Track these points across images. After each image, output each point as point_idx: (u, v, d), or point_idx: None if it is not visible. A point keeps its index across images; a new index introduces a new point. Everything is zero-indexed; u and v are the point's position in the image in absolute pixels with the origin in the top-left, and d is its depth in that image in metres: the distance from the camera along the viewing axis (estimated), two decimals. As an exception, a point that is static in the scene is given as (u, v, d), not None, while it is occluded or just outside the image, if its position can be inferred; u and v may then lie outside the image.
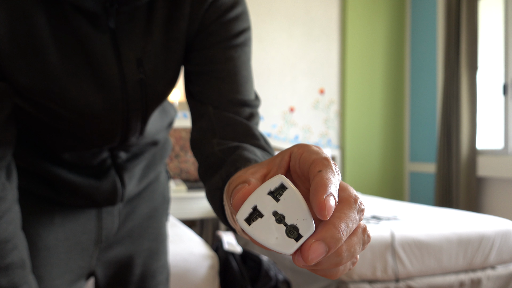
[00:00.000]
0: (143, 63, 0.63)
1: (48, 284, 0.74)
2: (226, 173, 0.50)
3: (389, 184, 4.58)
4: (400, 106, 4.67)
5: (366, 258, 2.08)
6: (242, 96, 0.65)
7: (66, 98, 0.61)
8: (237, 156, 0.52)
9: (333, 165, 0.32)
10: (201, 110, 0.65)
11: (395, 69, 4.64)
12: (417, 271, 2.18)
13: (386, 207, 3.05)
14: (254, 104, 0.67)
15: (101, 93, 0.63)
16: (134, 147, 0.79)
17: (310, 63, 4.39)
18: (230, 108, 0.64)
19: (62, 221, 0.78)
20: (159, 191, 0.92)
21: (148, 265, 0.88)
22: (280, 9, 4.28)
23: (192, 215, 3.55)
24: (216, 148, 0.58)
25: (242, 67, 0.66)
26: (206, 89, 0.65)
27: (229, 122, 0.62)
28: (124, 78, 0.63)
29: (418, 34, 4.53)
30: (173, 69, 0.67)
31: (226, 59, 0.65)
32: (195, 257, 1.86)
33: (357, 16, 4.48)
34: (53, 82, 0.59)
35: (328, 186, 0.30)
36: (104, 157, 0.77)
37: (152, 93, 0.67)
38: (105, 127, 0.68)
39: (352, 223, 0.31)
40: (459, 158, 3.68)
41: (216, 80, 0.65)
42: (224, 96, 0.64)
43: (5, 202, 0.61)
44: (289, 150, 0.36)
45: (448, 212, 2.83)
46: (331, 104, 4.47)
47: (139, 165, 0.83)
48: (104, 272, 0.85)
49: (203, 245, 2.00)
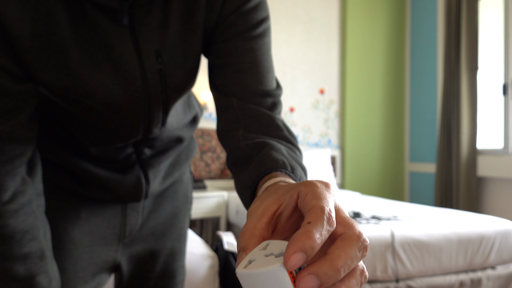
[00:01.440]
0: (161, 54, 0.65)
1: (71, 276, 0.76)
2: (255, 173, 0.53)
3: (389, 184, 4.58)
4: (400, 106, 4.67)
5: (366, 258, 2.07)
6: (264, 86, 0.67)
7: (89, 91, 0.63)
8: (265, 156, 0.55)
9: (325, 217, 0.33)
10: (226, 103, 0.67)
11: (395, 69, 4.64)
12: (417, 271, 2.18)
13: (386, 207, 3.05)
14: (276, 94, 0.69)
15: (123, 85, 0.65)
16: (158, 142, 0.80)
17: (310, 63, 4.39)
18: (253, 99, 0.66)
19: (87, 215, 0.80)
20: (182, 191, 0.94)
21: (169, 264, 0.90)
22: (280, 9, 4.28)
23: (192, 215, 3.55)
24: (242, 142, 0.62)
25: (263, 58, 0.68)
26: (229, 82, 0.67)
27: (252, 114, 0.65)
28: (144, 70, 0.65)
29: (418, 34, 4.52)
30: (191, 60, 0.69)
31: (247, 50, 0.66)
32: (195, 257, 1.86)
33: (357, 16, 4.48)
34: (76, 77, 0.61)
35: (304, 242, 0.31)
36: (129, 153, 0.79)
37: (172, 83, 0.68)
38: (128, 119, 0.70)
39: (352, 261, 0.31)
40: (459, 158, 3.68)
41: (238, 72, 0.66)
42: (247, 87, 0.66)
43: (24, 196, 0.64)
44: (297, 188, 0.38)
45: (448, 212, 2.83)
46: (331, 104, 4.47)
47: (164, 163, 0.84)
48: (127, 267, 0.87)
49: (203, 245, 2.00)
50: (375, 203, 3.26)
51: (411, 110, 4.63)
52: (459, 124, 3.71)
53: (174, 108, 0.77)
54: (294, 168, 0.54)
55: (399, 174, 4.64)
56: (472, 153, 3.68)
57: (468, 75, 3.71)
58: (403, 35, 4.68)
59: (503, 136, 3.57)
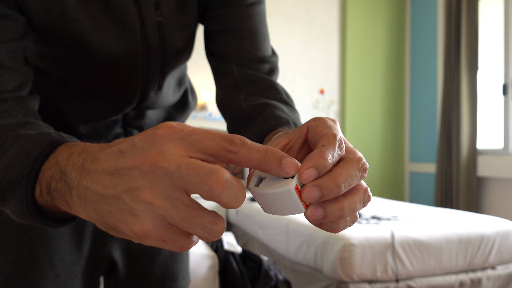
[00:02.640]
0: (160, 7, 0.66)
1: (61, 271, 0.74)
2: (260, 130, 0.55)
3: (389, 184, 4.58)
4: (400, 106, 4.67)
5: (366, 258, 2.07)
6: (262, 53, 0.69)
7: (87, 42, 0.62)
8: (269, 115, 0.56)
9: (337, 142, 0.36)
10: (225, 69, 0.69)
11: (395, 69, 4.64)
12: (417, 271, 2.18)
13: (386, 207, 3.05)
14: (273, 60, 0.71)
15: (121, 36, 0.64)
16: (147, 123, 0.80)
17: (310, 63, 4.39)
18: (252, 65, 0.68)
19: None
20: None
21: (168, 266, 0.86)
22: (280, 9, 4.28)
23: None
24: (244, 104, 0.63)
25: (260, 25, 0.70)
26: (228, 48, 0.68)
27: (253, 79, 0.66)
28: (143, 21, 0.65)
29: (418, 34, 4.52)
30: (188, 18, 0.69)
31: (245, 17, 0.68)
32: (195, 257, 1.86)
33: (357, 16, 4.48)
34: (73, 26, 0.60)
35: (318, 160, 0.34)
36: (118, 133, 0.78)
37: (170, 38, 0.68)
38: (126, 77, 0.69)
39: (352, 179, 0.35)
40: (459, 158, 3.68)
41: (237, 39, 0.68)
42: (246, 54, 0.68)
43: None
44: (307, 123, 0.40)
45: (448, 212, 2.83)
46: (331, 104, 4.47)
47: None
48: (123, 265, 0.84)
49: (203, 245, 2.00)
50: (375, 203, 3.26)
51: (411, 110, 4.63)
52: (459, 124, 3.71)
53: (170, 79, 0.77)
54: (297, 125, 0.56)
55: (399, 174, 4.64)
56: (472, 153, 3.68)
57: (468, 75, 3.71)
58: (403, 35, 4.68)
59: (503, 136, 3.57)
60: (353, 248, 2.05)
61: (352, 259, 2.04)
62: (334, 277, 2.08)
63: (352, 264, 2.04)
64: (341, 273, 2.05)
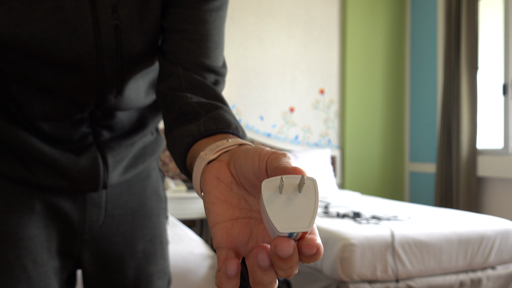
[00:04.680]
0: (118, 9, 0.63)
1: (32, 273, 0.72)
2: (205, 127, 0.50)
3: (389, 184, 4.58)
4: (400, 106, 4.67)
5: (366, 258, 2.08)
6: (210, 61, 0.66)
7: (35, 45, 0.60)
8: (218, 115, 0.52)
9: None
10: (171, 69, 0.65)
11: (395, 69, 4.64)
12: (417, 271, 2.18)
13: (386, 207, 3.05)
14: (221, 72, 0.68)
15: (73, 38, 0.62)
16: (117, 124, 0.77)
17: (310, 63, 4.39)
18: (198, 71, 0.65)
19: (42, 209, 0.74)
20: (151, 189, 0.88)
21: (143, 268, 0.83)
22: (280, 9, 4.28)
23: (192, 215, 3.55)
24: (192, 99, 0.58)
25: (215, 32, 0.67)
26: (177, 49, 0.65)
27: (198, 85, 0.63)
28: (98, 23, 0.62)
29: (418, 34, 4.53)
30: (150, 21, 0.67)
31: (200, 21, 0.65)
32: (195, 257, 1.86)
33: (357, 16, 4.48)
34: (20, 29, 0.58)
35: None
36: (85, 132, 0.75)
37: (128, 42, 0.66)
38: (80, 79, 0.66)
39: None
40: (459, 158, 3.68)
41: (187, 41, 0.65)
42: (193, 59, 0.65)
43: None
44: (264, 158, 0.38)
45: (448, 212, 2.83)
46: (331, 104, 4.47)
47: (127, 150, 0.80)
48: (93, 268, 0.81)
49: (203, 245, 2.00)
50: (375, 203, 3.26)
51: (411, 110, 4.63)
52: (459, 124, 3.71)
53: (136, 82, 0.74)
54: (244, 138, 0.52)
55: (399, 174, 4.64)
56: (472, 153, 3.68)
57: (468, 75, 3.71)
58: (403, 35, 4.68)
59: (503, 136, 3.57)
60: (353, 248, 2.05)
61: (352, 259, 2.04)
62: (334, 277, 2.08)
63: (352, 264, 2.05)
64: (341, 273, 2.05)
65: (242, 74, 4.14)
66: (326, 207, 2.90)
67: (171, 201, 3.47)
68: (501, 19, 3.62)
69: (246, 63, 4.15)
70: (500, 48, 3.63)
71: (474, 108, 3.69)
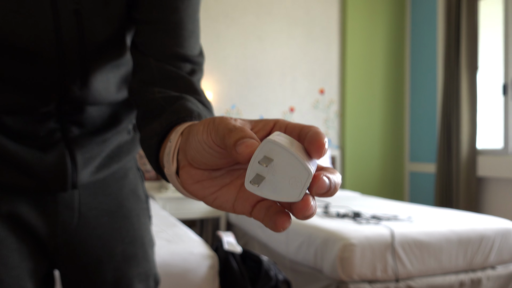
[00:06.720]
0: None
1: (4, 276, 0.68)
2: (167, 121, 0.49)
3: (389, 184, 4.58)
4: (400, 106, 4.67)
5: (366, 258, 2.08)
6: (185, 51, 0.64)
7: None
8: (180, 106, 0.51)
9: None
10: (143, 62, 0.63)
11: (395, 69, 4.64)
12: (417, 271, 2.18)
13: (386, 207, 3.05)
14: (197, 61, 0.65)
15: (30, 22, 0.59)
16: (87, 119, 0.74)
17: (310, 63, 4.39)
18: (172, 62, 0.63)
19: (10, 210, 0.71)
20: (129, 189, 0.84)
21: (123, 271, 0.79)
22: (280, 9, 4.28)
23: (192, 215, 3.55)
24: (157, 95, 0.57)
25: (188, 20, 0.64)
26: (149, 41, 0.63)
27: (171, 76, 0.61)
28: (56, 6, 0.60)
29: (418, 34, 4.53)
30: (114, 8, 0.64)
31: (172, 10, 0.63)
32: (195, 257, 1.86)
33: (357, 16, 4.48)
34: None
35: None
36: (53, 128, 0.71)
37: (91, 30, 0.63)
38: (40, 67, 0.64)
39: None
40: (459, 158, 3.68)
41: (160, 32, 0.63)
42: (167, 49, 0.63)
43: None
44: (273, 119, 0.37)
45: (448, 212, 2.83)
46: (331, 104, 4.47)
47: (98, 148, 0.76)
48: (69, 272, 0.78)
49: (203, 245, 2.00)
50: (375, 203, 3.26)
51: (411, 110, 4.63)
52: (459, 124, 3.71)
53: (105, 75, 0.71)
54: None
55: (399, 174, 4.64)
56: (472, 153, 3.68)
57: (468, 75, 3.71)
58: (403, 35, 4.68)
59: (503, 136, 3.57)
60: (353, 248, 2.05)
61: (352, 259, 2.05)
62: (334, 277, 2.08)
63: (352, 264, 2.05)
64: (341, 273, 2.05)
65: (242, 74, 4.14)
66: (326, 207, 2.90)
67: (171, 201, 3.48)
68: (501, 19, 3.62)
69: (246, 63, 4.15)
70: (500, 48, 3.63)
71: (474, 108, 3.69)
